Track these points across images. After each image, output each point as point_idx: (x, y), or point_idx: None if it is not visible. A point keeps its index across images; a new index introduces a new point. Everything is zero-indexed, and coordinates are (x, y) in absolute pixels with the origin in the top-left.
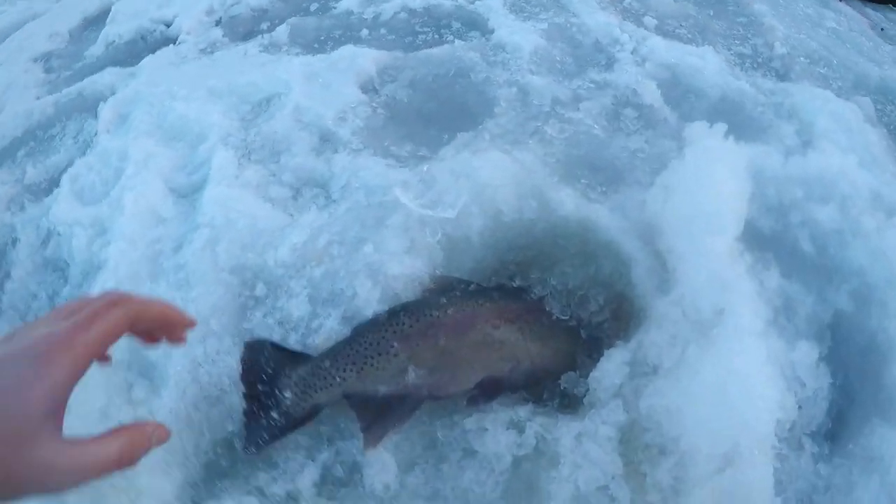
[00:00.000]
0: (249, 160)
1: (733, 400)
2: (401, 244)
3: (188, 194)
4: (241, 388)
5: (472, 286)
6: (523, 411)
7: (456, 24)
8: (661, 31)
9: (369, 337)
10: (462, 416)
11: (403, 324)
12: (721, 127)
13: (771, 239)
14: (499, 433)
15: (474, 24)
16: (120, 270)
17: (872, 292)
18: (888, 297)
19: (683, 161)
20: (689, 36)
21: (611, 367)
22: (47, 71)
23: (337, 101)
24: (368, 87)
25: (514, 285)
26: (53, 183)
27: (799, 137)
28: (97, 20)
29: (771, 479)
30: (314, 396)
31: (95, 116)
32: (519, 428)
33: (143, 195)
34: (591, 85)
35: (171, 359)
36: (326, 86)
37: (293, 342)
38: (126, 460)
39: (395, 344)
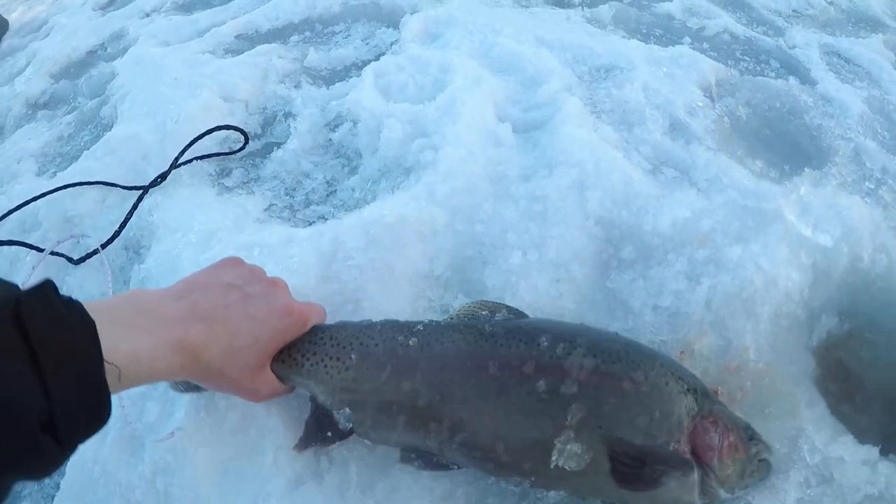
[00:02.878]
0: (600, 119)
1: None
2: (785, 255)
3: (522, 130)
4: None
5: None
6: None
7: (775, 63)
8: None
9: (341, 332)
10: None
11: (372, 338)
12: None
13: None
14: None
15: (794, 70)
16: (456, 179)
17: None
18: None
19: None
20: None
21: None
22: None
23: (683, 95)
24: (707, 93)
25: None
26: (336, 74)
27: None
28: None
29: None
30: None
31: (390, 27)
32: None
33: (480, 112)
34: None
35: None
36: (670, 76)
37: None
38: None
39: (353, 357)
